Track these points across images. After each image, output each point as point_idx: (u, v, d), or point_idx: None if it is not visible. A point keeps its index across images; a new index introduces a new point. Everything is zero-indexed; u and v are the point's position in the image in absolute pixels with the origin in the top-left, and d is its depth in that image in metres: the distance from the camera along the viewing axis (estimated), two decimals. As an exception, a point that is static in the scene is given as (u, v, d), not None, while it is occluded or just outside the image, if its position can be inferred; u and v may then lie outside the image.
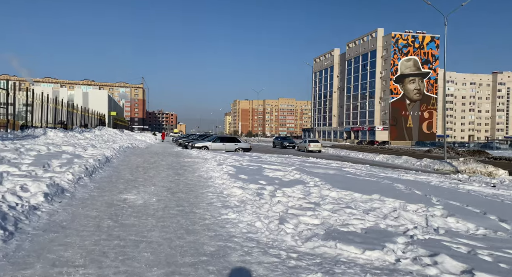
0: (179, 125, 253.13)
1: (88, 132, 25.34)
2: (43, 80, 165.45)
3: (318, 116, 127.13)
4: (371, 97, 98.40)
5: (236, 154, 15.67)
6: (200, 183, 8.06)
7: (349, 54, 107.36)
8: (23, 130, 15.98)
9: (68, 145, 11.31)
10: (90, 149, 11.06)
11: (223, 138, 25.59)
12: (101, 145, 13.59)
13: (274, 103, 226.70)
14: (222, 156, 13.84)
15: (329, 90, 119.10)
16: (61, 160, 8.22)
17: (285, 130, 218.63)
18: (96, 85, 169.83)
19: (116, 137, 28.93)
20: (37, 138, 14.31)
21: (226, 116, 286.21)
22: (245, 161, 12.44)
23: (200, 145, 24.28)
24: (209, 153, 15.10)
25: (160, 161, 11.43)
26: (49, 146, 10.01)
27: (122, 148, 13.65)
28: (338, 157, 28.84)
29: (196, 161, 12.03)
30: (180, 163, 11.10)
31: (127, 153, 12.95)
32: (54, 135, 15.95)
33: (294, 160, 15.22)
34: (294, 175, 9.97)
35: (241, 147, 24.79)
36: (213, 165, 10.90)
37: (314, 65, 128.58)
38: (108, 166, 9.27)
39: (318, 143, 35.93)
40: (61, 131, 17.85)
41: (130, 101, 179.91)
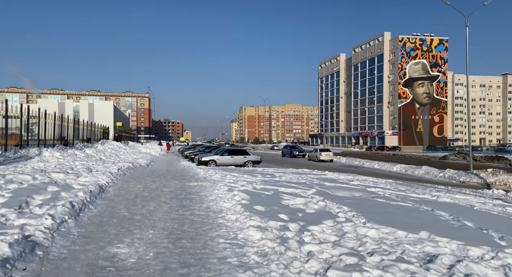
0: (185, 133, 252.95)
1: (90, 147, 24.22)
2: (50, 92, 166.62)
3: (325, 122, 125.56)
4: (379, 101, 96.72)
5: (248, 173, 14.30)
6: (209, 221, 6.70)
7: (356, 59, 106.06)
8: (16, 151, 14.83)
9: (60, 171, 10.05)
10: (84, 175, 9.78)
11: (231, 151, 24.27)
12: (99, 167, 12.32)
13: (280, 109, 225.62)
14: (232, 177, 12.48)
15: (336, 96, 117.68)
16: (45, 195, 6.94)
17: (292, 136, 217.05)
18: (102, 95, 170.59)
19: (119, 152, 27.78)
20: (30, 159, 13.13)
21: (232, 123, 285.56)
22: (258, 183, 11.07)
23: (208, 159, 22.99)
24: (217, 173, 13.74)
25: (163, 187, 10.10)
26: (35, 175, 8.75)
27: (122, 170, 12.37)
28: (352, 167, 27.35)
29: (204, 185, 10.68)
30: (185, 190, 9.76)
31: (126, 177, 11.65)
32: (50, 155, 14.78)
33: (311, 178, 13.81)
34: (317, 202, 8.58)
35: (251, 160, 23.45)
36: (223, 191, 9.54)
37: (320, 71, 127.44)
38: (102, 198, 7.96)
39: (330, 152, 34.46)
40: (58, 149, 16.69)
41: (136, 110, 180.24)
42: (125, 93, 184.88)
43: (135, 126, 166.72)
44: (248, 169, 17.03)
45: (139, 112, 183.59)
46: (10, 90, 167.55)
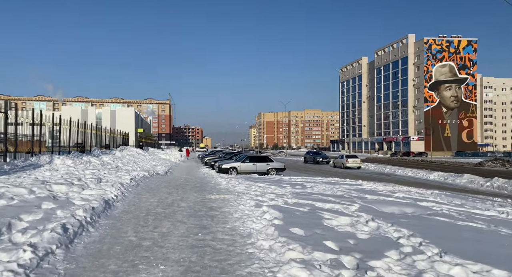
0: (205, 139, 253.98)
1: (108, 154, 23.36)
2: (75, 99, 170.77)
3: (346, 127, 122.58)
4: (403, 106, 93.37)
5: (274, 183, 12.78)
6: (236, 249, 5.23)
7: (378, 62, 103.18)
8: (26, 159, 13.90)
9: (64, 182, 8.85)
10: (90, 187, 8.54)
11: (253, 157, 22.82)
12: (110, 177, 11.11)
13: (300, 115, 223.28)
14: (259, 188, 10.98)
15: (357, 100, 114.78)
16: (35, 215, 5.66)
17: (311, 142, 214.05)
18: (125, 102, 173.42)
19: (138, 158, 26.85)
20: (39, 168, 12.09)
21: (251, 129, 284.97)
22: (289, 196, 9.53)
23: (228, 166, 21.64)
24: (241, 183, 12.27)
25: (180, 201, 8.71)
26: (33, 187, 7.54)
27: (135, 181, 11.10)
28: (383, 175, 25.35)
29: (227, 198, 9.24)
30: (205, 205, 8.33)
31: (139, 188, 10.34)
32: (61, 163, 13.75)
33: (346, 188, 12.14)
34: (367, 222, 6.96)
35: (274, 167, 21.92)
36: (250, 207, 8.07)
37: (341, 75, 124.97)
38: (106, 217, 6.63)
39: (357, 159, 32.47)
40: (71, 157, 15.70)
41: (158, 117, 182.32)
42: (146, 100, 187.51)
43: (156, 133, 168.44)
44: (274, 178, 15.50)
45: (160, 119, 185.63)
46: (37, 99, 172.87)
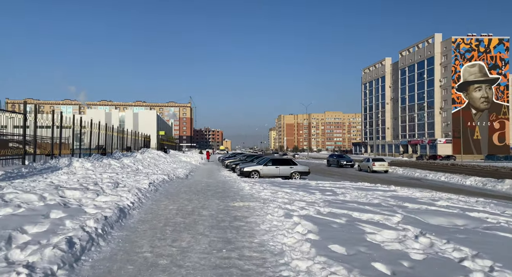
0: (225, 141, 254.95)
1: (129, 156, 23.07)
2: (99, 103, 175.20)
3: (369, 129, 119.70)
4: (429, 107, 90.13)
5: (302, 188, 11.86)
6: (268, 272, 4.39)
7: (403, 63, 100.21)
8: (46, 161, 13.59)
9: (79, 187, 8.29)
10: (105, 193, 7.92)
11: (276, 160, 21.94)
12: (128, 181, 10.52)
13: (320, 117, 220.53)
14: (286, 194, 10.10)
15: (381, 102, 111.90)
16: (41, 226, 5.02)
17: (333, 144, 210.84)
18: (147, 105, 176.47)
19: (159, 161, 26.50)
20: (57, 171, 11.67)
21: (271, 132, 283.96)
22: (321, 204, 8.61)
23: (250, 170, 20.86)
24: (265, 188, 11.42)
25: (201, 208, 7.95)
26: (45, 193, 6.97)
27: (154, 185, 10.46)
28: (414, 180, 23.90)
29: (252, 206, 8.41)
30: (229, 213, 7.54)
31: (158, 194, 9.67)
32: (80, 166, 13.34)
33: (381, 195, 11.08)
34: (417, 237, 5.98)
35: (298, 171, 20.96)
36: (279, 216, 7.22)
37: (363, 76, 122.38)
38: (120, 228, 5.94)
39: (384, 162, 30.99)
40: (91, 160, 15.33)
41: (179, 120, 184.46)
42: (168, 103, 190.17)
43: (178, 135, 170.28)
44: (299, 183, 14.56)
45: (181, 122, 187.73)
46: (64, 102, 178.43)
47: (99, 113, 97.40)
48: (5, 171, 10.54)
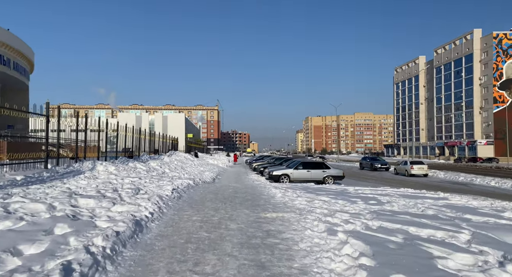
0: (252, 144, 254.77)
1: (156, 159, 22.65)
2: (131, 107, 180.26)
3: (402, 131, 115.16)
4: (468, 107, 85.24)
5: (340, 195, 10.61)
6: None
7: (438, 61, 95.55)
8: (69, 165, 13.15)
9: (96, 194, 7.54)
10: (122, 202, 7.11)
11: (307, 163, 20.68)
12: (151, 186, 9.73)
13: (349, 118, 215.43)
14: (324, 203, 8.91)
15: (414, 102, 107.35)
16: (38, 246, 4.19)
17: (363, 147, 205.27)
18: (176, 109, 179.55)
19: (186, 163, 25.97)
20: (78, 175, 11.11)
21: (298, 134, 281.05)
22: (367, 216, 7.37)
23: (279, 173, 19.75)
24: (299, 196, 10.26)
25: (229, 220, 6.95)
26: (55, 202, 6.24)
27: (177, 191, 9.59)
28: (459, 184, 21.84)
29: (286, 218, 7.32)
30: (260, 227, 6.48)
31: (181, 202, 8.77)
32: (103, 170, 12.78)
33: (432, 204, 9.64)
34: (505, 265, 4.66)
35: (331, 175, 19.62)
36: (320, 232, 6.09)
37: (395, 76, 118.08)
38: (134, 246, 5.03)
39: (424, 165, 28.89)
40: (115, 163, 14.81)
41: (206, 122, 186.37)
42: (196, 107, 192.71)
43: (205, 138, 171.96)
44: (336, 189, 13.27)
45: (208, 124, 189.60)
46: (98, 107, 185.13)
47: (130, 117, 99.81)
48: (25, 175, 10.08)
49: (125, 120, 40.96)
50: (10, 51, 36.12)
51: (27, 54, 40.62)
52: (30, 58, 42.10)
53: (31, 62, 43.56)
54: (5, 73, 35.35)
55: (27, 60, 41.45)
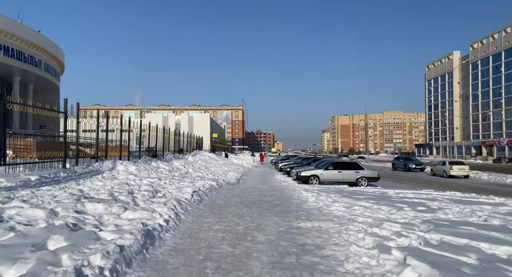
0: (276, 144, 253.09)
1: (180, 158, 22.10)
2: (158, 107, 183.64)
3: (434, 130, 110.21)
4: (508, 104, 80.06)
5: (381, 200, 9.34)
6: None
7: (474, 56, 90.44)
8: (89, 164, 12.61)
9: (108, 197, 6.76)
10: (135, 207, 6.26)
11: (338, 164, 19.34)
12: (170, 188, 8.89)
13: (378, 117, 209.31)
14: (365, 210, 7.70)
15: (448, 99, 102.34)
16: (19, 267, 3.33)
17: (392, 146, 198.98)
18: (202, 109, 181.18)
19: (210, 163, 25.29)
20: (96, 176, 10.48)
21: (324, 133, 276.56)
22: (422, 227, 6.14)
23: (308, 174, 18.55)
24: (335, 200, 9.07)
25: (255, 230, 5.93)
26: (58, 207, 5.46)
27: (198, 194, 8.68)
28: (509, 187, 19.77)
29: (323, 228, 6.21)
30: (294, 240, 5.41)
31: (202, 206, 7.83)
32: (123, 170, 12.14)
33: (495, 212, 8.19)
34: None
35: (365, 176, 18.20)
36: (368, 248, 4.95)
37: (427, 72, 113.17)
38: (142, 263, 4.11)
39: (464, 166, 26.73)
40: (137, 163, 14.20)
41: (231, 122, 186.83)
42: (221, 107, 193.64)
43: (230, 138, 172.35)
44: (376, 193, 11.93)
45: (233, 124, 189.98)
46: (127, 108, 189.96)
47: (157, 117, 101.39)
48: (40, 175, 9.54)
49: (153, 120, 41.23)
50: (41, 53, 36.92)
51: (58, 55, 41.50)
52: (60, 60, 43.01)
53: (62, 63, 44.51)
54: (36, 74, 36.17)
55: (58, 61, 42.34)
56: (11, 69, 32.92)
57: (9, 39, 31.21)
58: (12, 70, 33.52)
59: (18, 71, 33.80)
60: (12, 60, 31.64)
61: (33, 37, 34.87)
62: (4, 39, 30.58)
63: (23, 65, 33.13)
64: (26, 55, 33.68)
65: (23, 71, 33.84)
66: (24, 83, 36.97)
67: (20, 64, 32.73)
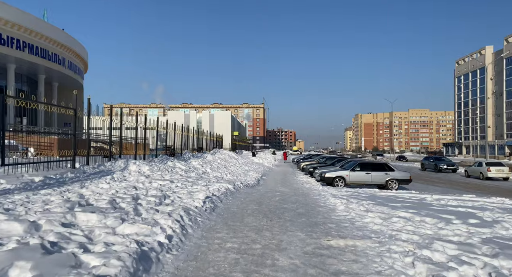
0: (298, 142, 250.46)
1: (198, 157, 21.34)
2: (181, 105, 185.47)
3: (464, 128, 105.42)
4: (546, 101, 75.12)
5: (421, 209, 8.03)
6: None
7: (509, 51, 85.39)
8: (101, 164, 11.94)
9: (105, 205, 5.89)
10: (136, 217, 5.36)
11: (366, 164, 17.97)
12: (181, 193, 7.96)
13: (403, 115, 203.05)
14: (407, 224, 6.48)
15: (479, 96, 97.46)
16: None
17: (418, 145, 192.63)
18: (223, 107, 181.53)
19: (230, 162, 24.43)
20: (105, 177, 9.73)
21: (347, 132, 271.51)
22: (485, 249, 4.91)
23: (333, 176, 17.28)
24: (370, 210, 7.84)
25: (276, 250, 4.87)
26: (41, 219, 4.59)
27: (212, 200, 7.70)
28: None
29: (360, 247, 5.08)
30: (324, 265, 4.32)
31: (214, 216, 6.82)
32: (135, 170, 11.38)
33: None
34: None
35: (395, 178, 16.78)
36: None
37: (456, 68, 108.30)
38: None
39: (504, 167, 24.63)
40: (151, 162, 13.45)
41: (252, 120, 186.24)
42: (242, 105, 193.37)
43: (251, 136, 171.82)
44: (412, 199, 10.58)
45: (254, 122, 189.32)
46: (151, 106, 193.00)
47: (178, 115, 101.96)
48: (45, 176, 8.87)
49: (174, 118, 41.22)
50: (65, 50, 37.19)
51: (81, 53, 41.79)
52: (84, 58, 43.34)
53: (85, 61, 44.87)
54: (60, 72, 36.47)
55: (81, 60, 42.67)
56: (36, 67, 33.31)
57: (33, 37, 31.49)
58: (37, 68, 33.92)
59: (43, 69, 34.16)
60: (36, 58, 31.94)
61: (57, 35, 35.13)
62: (28, 37, 30.86)
63: (47, 63, 33.41)
64: (50, 53, 33.95)
65: (48, 69, 34.17)
66: (49, 81, 37.43)
67: (45, 62, 33.02)
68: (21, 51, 30.21)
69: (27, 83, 37.33)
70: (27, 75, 36.16)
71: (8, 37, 29.24)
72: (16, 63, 31.58)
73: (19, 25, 29.73)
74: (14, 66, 31.85)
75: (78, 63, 41.90)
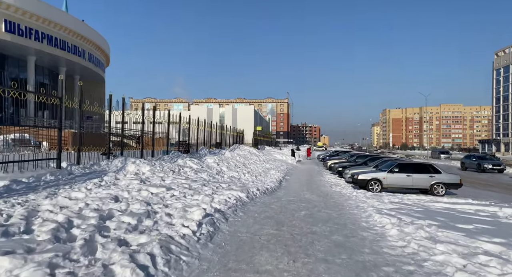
0: (322, 137, 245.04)
1: (216, 154, 19.47)
2: (205, 100, 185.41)
3: (503, 124, 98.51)
4: None
5: (506, 235, 5.60)
6: None
7: (557, 38, 77.94)
8: (95, 163, 10.18)
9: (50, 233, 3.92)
10: (77, 262, 3.35)
11: (406, 165, 15.41)
12: (173, 209, 5.91)
13: (434, 111, 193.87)
14: (505, 269, 4.20)
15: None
16: None
17: (450, 142, 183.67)
18: (247, 102, 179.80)
19: (250, 159, 22.40)
20: (91, 180, 7.93)
21: (374, 127, 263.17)
22: None
23: (368, 178, 14.89)
24: (438, 239, 5.50)
25: None
26: None
27: (212, 220, 5.58)
28: None
29: None
30: None
31: (210, 250, 4.66)
32: (134, 171, 9.55)
33: None
34: None
35: (442, 182, 14.20)
36: None
37: (495, 60, 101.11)
38: None
39: None
40: (155, 161, 11.59)
41: (276, 115, 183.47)
42: (266, 100, 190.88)
43: (275, 131, 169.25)
44: (478, 212, 8.11)
45: (278, 117, 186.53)
46: (176, 101, 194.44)
47: (201, 110, 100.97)
48: (13, 180, 7.12)
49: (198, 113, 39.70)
50: (85, 42, 36.13)
51: (102, 46, 40.70)
52: (105, 50, 42.25)
53: (106, 54, 43.81)
54: (80, 65, 35.47)
55: (102, 52, 41.61)
56: (56, 59, 32.45)
57: (52, 28, 30.47)
58: (58, 60, 33.07)
59: (63, 61, 33.28)
60: (55, 49, 30.98)
61: (76, 26, 34.07)
62: (47, 28, 29.86)
63: (67, 55, 32.44)
64: (69, 45, 32.96)
65: (68, 61, 33.25)
66: (70, 73, 36.60)
67: (64, 53, 32.05)
68: (40, 43, 29.28)
69: (48, 76, 36.69)
70: (48, 67, 35.45)
71: (27, 28, 28.33)
72: (36, 55, 30.75)
73: (37, 16, 28.74)
74: (34, 58, 31.06)
75: (99, 55, 40.92)
